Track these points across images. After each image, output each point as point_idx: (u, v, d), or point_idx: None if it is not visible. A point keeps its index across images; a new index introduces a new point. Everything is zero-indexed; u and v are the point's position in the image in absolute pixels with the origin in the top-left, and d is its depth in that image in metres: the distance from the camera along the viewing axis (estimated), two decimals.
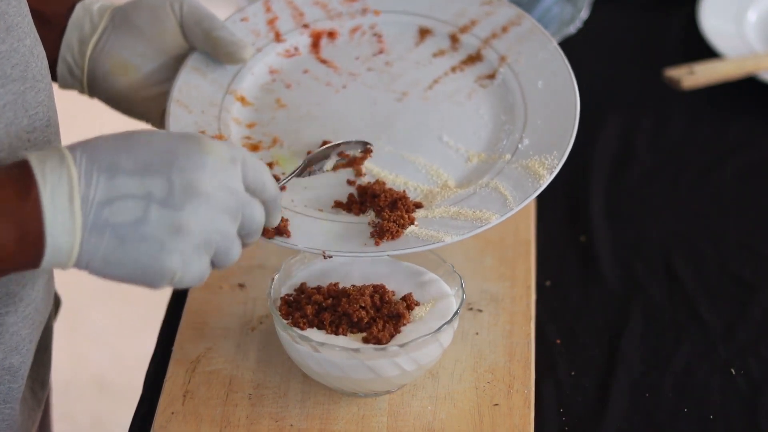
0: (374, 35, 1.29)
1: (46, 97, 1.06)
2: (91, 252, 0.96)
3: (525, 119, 1.20)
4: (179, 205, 0.96)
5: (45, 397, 1.24)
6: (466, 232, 1.11)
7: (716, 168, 1.49)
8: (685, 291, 1.33)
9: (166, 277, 0.98)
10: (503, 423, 1.15)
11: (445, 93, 1.24)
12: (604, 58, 1.65)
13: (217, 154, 0.98)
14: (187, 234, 0.97)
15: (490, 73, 1.25)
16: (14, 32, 1.02)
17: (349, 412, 1.16)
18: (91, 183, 0.95)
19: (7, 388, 1.11)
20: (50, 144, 1.07)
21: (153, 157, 0.97)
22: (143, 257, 0.96)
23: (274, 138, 1.21)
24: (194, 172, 0.97)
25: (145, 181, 0.96)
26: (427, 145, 1.20)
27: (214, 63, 1.24)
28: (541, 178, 1.14)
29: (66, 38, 1.20)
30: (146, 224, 0.96)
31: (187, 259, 0.98)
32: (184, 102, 1.21)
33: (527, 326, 1.23)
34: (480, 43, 1.26)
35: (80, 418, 2.38)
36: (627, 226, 1.41)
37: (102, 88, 1.22)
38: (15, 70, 1.02)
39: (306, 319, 1.14)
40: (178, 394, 1.18)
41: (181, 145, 0.98)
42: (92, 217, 0.95)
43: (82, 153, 0.96)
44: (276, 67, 1.27)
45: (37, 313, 1.11)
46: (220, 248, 1.00)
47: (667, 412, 1.20)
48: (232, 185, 0.99)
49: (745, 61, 1.57)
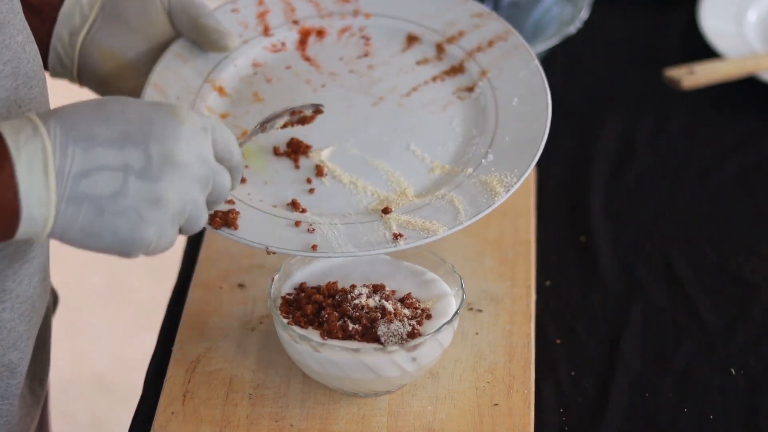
0: (362, 38, 1.29)
1: (39, 93, 1.07)
2: (67, 223, 0.96)
3: (493, 135, 1.19)
4: (157, 177, 0.97)
5: (44, 394, 1.24)
6: (411, 241, 1.11)
7: (716, 168, 1.49)
8: (685, 291, 1.33)
9: (143, 247, 0.99)
10: (503, 423, 1.15)
11: (422, 102, 1.23)
12: (604, 58, 1.65)
13: (191, 123, 0.99)
14: (164, 205, 0.98)
15: (470, 86, 1.24)
16: (5, 29, 1.02)
17: (349, 412, 1.16)
18: (67, 154, 0.96)
19: (5, 384, 1.11)
20: None
21: (129, 127, 0.97)
22: (122, 229, 0.97)
23: (244, 131, 1.21)
24: (171, 143, 0.98)
25: (123, 153, 0.96)
26: (394, 151, 1.19)
27: (198, 51, 1.24)
28: (496, 195, 1.13)
29: (57, 29, 1.21)
30: (125, 196, 0.97)
31: (162, 229, 0.99)
32: (161, 86, 1.21)
33: (527, 326, 1.23)
34: (464, 55, 1.26)
35: (80, 417, 2.38)
36: (627, 226, 1.41)
37: (92, 77, 1.22)
38: (7, 66, 1.03)
39: (306, 319, 1.14)
40: (178, 394, 1.18)
41: (156, 114, 0.98)
42: (69, 189, 0.96)
43: (56, 123, 0.96)
44: (260, 61, 1.27)
45: (33, 309, 1.11)
46: (191, 216, 1.01)
47: (667, 412, 1.21)
48: (204, 154, 1.00)
49: (745, 61, 1.57)
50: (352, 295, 1.15)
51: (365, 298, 1.15)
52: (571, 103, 1.58)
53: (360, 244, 1.11)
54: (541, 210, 1.39)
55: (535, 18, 1.59)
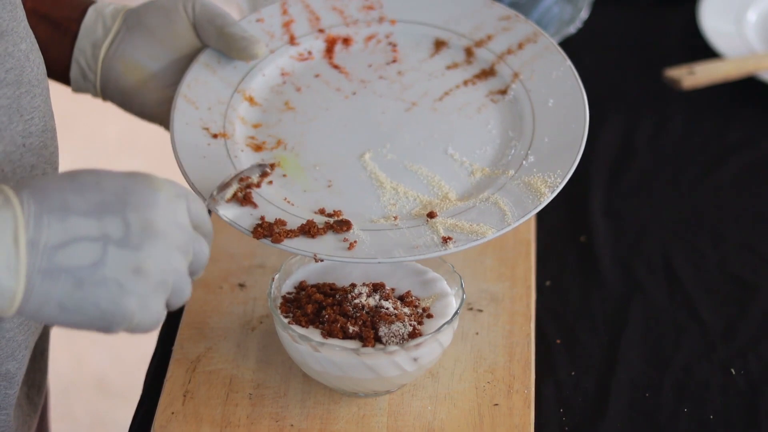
0: (389, 44, 1.28)
1: (42, 102, 1.06)
2: (43, 298, 0.93)
3: (532, 136, 1.19)
4: (137, 245, 0.94)
5: (42, 402, 1.23)
6: (460, 245, 1.10)
7: (716, 168, 1.49)
8: (685, 291, 1.33)
9: (125, 320, 0.95)
10: (503, 423, 1.15)
11: (455, 105, 1.23)
12: (604, 58, 1.65)
13: (166, 191, 0.96)
14: (145, 275, 0.94)
15: (502, 89, 1.24)
16: (8, 36, 1.02)
17: (349, 412, 1.16)
18: (42, 226, 0.92)
19: (2, 395, 1.11)
20: (47, 149, 1.07)
21: (105, 197, 0.94)
22: (102, 301, 0.93)
23: (278, 140, 1.21)
24: (149, 210, 0.94)
25: (101, 222, 0.93)
26: (432, 156, 1.19)
27: (226, 61, 1.24)
28: (542, 195, 1.13)
29: (78, 42, 1.20)
30: (104, 266, 0.93)
31: (145, 301, 0.95)
32: (191, 98, 1.21)
33: (527, 326, 1.23)
34: (494, 58, 1.26)
35: (80, 418, 2.38)
36: (627, 226, 1.41)
37: (115, 90, 1.22)
38: (9, 74, 1.02)
39: (306, 319, 1.14)
40: (178, 394, 1.18)
41: (130, 183, 0.95)
42: (45, 262, 0.92)
43: (30, 195, 0.93)
44: (288, 70, 1.27)
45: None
46: (176, 287, 0.97)
47: (667, 412, 1.21)
48: (181, 221, 0.97)
49: (745, 61, 1.57)
50: (353, 295, 1.15)
51: (365, 297, 1.15)
52: None
53: (409, 249, 1.10)
54: (541, 210, 1.39)
55: (535, 18, 1.59)
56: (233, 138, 1.20)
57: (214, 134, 1.20)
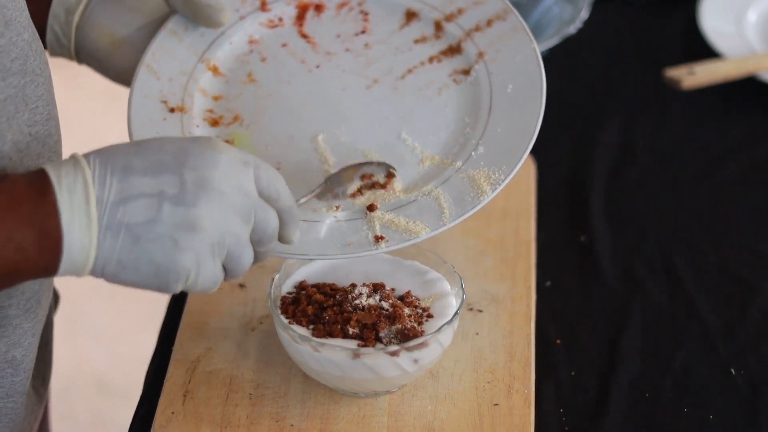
0: (361, 12, 1.26)
1: (45, 91, 1.07)
2: (106, 255, 0.96)
3: (486, 125, 1.17)
4: (191, 202, 0.96)
5: (46, 393, 1.24)
6: (392, 244, 1.09)
7: (716, 168, 1.49)
8: (685, 291, 1.33)
9: (181, 277, 0.97)
10: (503, 423, 1.15)
11: (416, 85, 1.21)
12: (604, 58, 1.65)
13: (229, 154, 0.98)
14: (200, 231, 0.97)
15: (466, 69, 1.21)
16: (13, 26, 1.03)
17: (350, 412, 1.16)
18: (105, 184, 0.96)
19: (9, 382, 1.11)
20: (51, 137, 1.08)
21: (164, 156, 0.97)
22: (157, 256, 0.96)
23: (236, 115, 1.20)
24: (207, 170, 0.97)
25: (157, 180, 0.96)
26: (385, 140, 1.17)
27: (193, 28, 1.23)
28: (483, 193, 1.11)
29: (53, 8, 1.21)
30: (159, 223, 0.96)
31: (201, 258, 0.97)
32: (154, 67, 1.20)
33: (527, 326, 1.23)
34: (462, 34, 1.23)
35: (80, 417, 2.38)
36: (627, 226, 1.41)
37: (90, 56, 1.23)
38: (14, 63, 1.03)
39: (306, 319, 1.14)
40: (178, 394, 1.18)
41: (191, 145, 0.98)
42: (107, 218, 0.96)
43: (95, 157, 0.97)
44: (256, 37, 1.25)
45: (38, 305, 1.11)
46: (232, 252, 0.99)
47: (667, 412, 1.21)
48: (245, 186, 0.99)
49: (745, 61, 1.57)
50: (353, 295, 1.15)
51: (366, 297, 1.15)
52: (571, 103, 1.58)
53: (341, 246, 1.10)
54: (541, 210, 1.39)
55: (535, 18, 1.59)
56: (190, 112, 1.19)
57: (171, 108, 1.19)
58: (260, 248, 1.02)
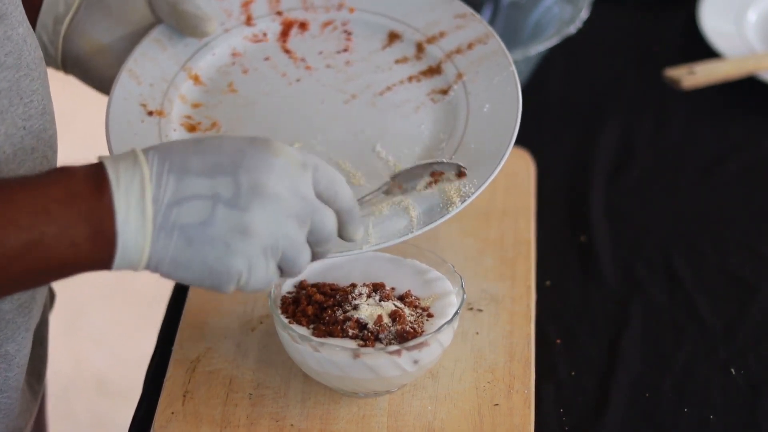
0: (344, 32, 1.27)
1: (40, 85, 1.07)
2: (160, 253, 0.96)
3: (460, 141, 1.17)
4: (245, 206, 0.96)
5: (42, 390, 1.24)
6: (352, 248, 1.09)
7: (716, 168, 1.49)
8: (685, 291, 1.33)
9: (233, 279, 0.98)
10: (503, 423, 1.15)
11: (394, 102, 1.22)
12: (604, 58, 1.65)
13: (287, 157, 0.98)
14: (252, 235, 0.96)
15: (444, 89, 1.22)
16: (7, 20, 1.03)
17: (350, 412, 1.16)
18: (162, 183, 0.96)
19: (2, 377, 1.12)
20: (46, 132, 1.08)
21: (222, 158, 0.97)
22: (209, 259, 0.96)
23: (213, 122, 1.20)
24: (261, 173, 0.97)
25: (213, 182, 0.96)
26: (359, 152, 1.18)
27: (178, 38, 1.23)
28: (451, 204, 1.11)
29: (41, 17, 1.21)
30: (212, 225, 0.96)
31: (252, 261, 0.97)
32: (136, 72, 1.21)
33: (527, 326, 1.23)
34: (443, 56, 1.24)
35: (80, 418, 2.38)
36: (627, 226, 1.41)
37: (75, 64, 1.23)
38: (9, 57, 1.03)
39: (306, 319, 1.14)
40: (178, 394, 1.18)
41: (249, 146, 0.98)
42: (161, 218, 0.96)
43: (154, 154, 0.97)
44: (239, 50, 1.26)
45: (33, 301, 1.11)
46: (287, 254, 0.99)
47: (667, 412, 1.21)
48: (301, 190, 0.98)
49: (745, 61, 1.57)
50: (353, 295, 1.15)
51: (366, 297, 1.15)
52: (571, 103, 1.58)
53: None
54: (541, 210, 1.39)
55: (535, 18, 1.59)
56: (169, 117, 1.19)
57: (150, 111, 1.19)
58: (318, 249, 1.02)
